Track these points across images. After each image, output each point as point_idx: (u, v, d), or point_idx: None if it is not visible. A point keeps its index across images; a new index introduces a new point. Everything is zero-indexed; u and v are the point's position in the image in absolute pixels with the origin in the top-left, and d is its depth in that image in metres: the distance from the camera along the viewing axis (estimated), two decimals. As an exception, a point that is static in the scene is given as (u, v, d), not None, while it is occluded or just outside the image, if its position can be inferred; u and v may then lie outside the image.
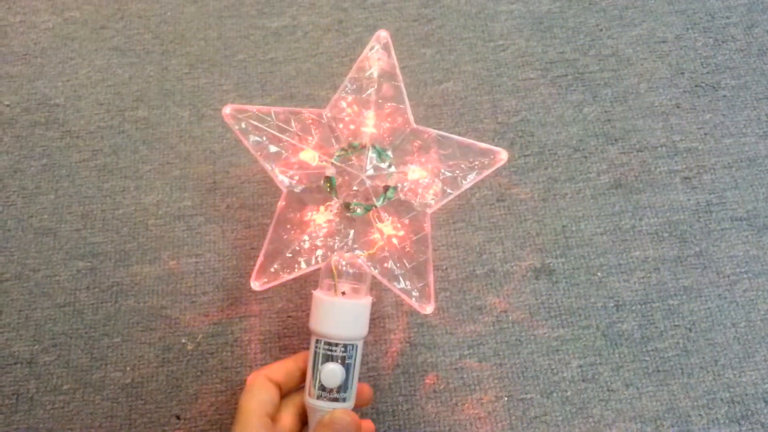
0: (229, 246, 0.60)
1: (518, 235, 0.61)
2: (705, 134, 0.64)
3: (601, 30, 0.69)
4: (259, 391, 0.45)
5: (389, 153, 0.52)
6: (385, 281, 0.50)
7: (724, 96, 0.66)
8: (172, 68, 0.68)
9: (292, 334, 0.57)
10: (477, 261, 0.60)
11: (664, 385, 0.56)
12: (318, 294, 0.47)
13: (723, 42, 0.69)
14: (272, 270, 0.50)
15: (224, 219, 0.61)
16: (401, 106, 0.52)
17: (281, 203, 0.51)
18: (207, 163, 0.63)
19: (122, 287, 0.59)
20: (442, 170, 0.52)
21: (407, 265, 0.51)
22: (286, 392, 0.47)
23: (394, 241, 0.51)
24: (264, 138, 0.51)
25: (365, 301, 0.47)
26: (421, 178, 0.52)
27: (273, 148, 0.51)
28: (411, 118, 0.52)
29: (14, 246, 0.60)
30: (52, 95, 0.67)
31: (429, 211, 0.52)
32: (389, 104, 0.52)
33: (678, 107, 0.66)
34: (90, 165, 0.64)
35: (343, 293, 0.47)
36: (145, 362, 0.57)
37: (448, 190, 0.51)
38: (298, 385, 0.48)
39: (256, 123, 0.51)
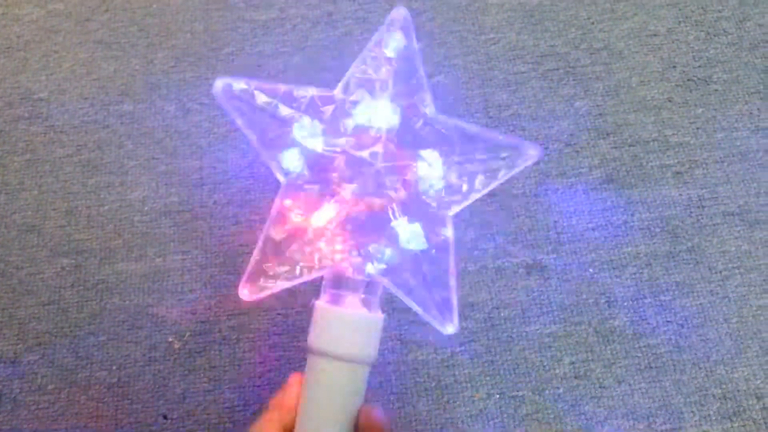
0: (217, 243, 0.59)
1: (510, 231, 0.60)
2: (697, 128, 0.64)
3: (593, 23, 0.69)
4: None
5: (406, 143, 0.44)
6: (399, 293, 0.43)
7: (716, 90, 0.66)
8: (157, 62, 0.67)
9: (282, 332, 0.57)
10: (468, 257, 0.59)
11: (656, 382, 0.55)
12: (321, 304, 0.41)
13: (715, 35, 0.68)
14: (265, 277, 0.44)
15: (211, 215, 0.60)
16: (420, 91, 0.45)
17: (279, 197, 0.44)
18: (194, 158, 0.62)
19: (107, 285, 0.58)
20: (465, 166, 0.44)
21: (425, 275, 0.43)
22: None
23: (411, 246, 0.43)
24: (262, 119, 0.44)
25: (378, 317, 0.41)
26: (442, 174, 0.44)
27: (273, 132, 0.44)
28: (432, 105, 0.45)
29: (-3, 243, 0.60)
30: (36, 89, 0.66)
31: (451, 212, 0.44)
32: (406, 89, 0.45)
33: (670, 101, 0.65)
34: (74, 160, 0.63)
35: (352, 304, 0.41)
36: (131, 361, 0.56)
37: (473, 189, 0.44)
38: None
39: (252, 102, 0.43)
